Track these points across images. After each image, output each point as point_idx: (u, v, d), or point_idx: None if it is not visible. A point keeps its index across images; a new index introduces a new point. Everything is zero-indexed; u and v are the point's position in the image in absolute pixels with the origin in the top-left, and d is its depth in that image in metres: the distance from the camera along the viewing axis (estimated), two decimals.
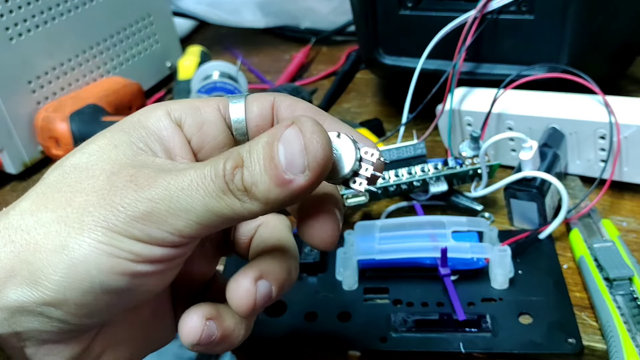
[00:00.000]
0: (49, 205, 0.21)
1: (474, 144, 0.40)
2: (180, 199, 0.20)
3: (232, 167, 0.20)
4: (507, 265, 0.35)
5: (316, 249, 0.24)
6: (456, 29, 0.44)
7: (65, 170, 0.22)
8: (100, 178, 0.21)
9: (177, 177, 0.20)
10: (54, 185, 0.22)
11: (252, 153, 0.20)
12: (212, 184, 0.20)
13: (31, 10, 0.50)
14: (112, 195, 0.20)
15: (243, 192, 0.20)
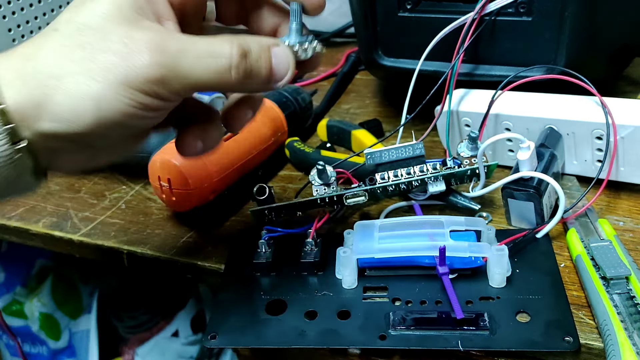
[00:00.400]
0: (75, 59, 0.26)
1: (472, 144, 0.40)
2: (186, 69, 0.27)
3: (239, 54, 0.28)
4: (504, 264, 0.35)
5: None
6: (455, 30, 0.44)
7: (79, 27, 0.27)
8: (117, 42, 0.26)
9: (186, 48, 0.27)
10: (73, 39, 0.27)
11: (255, 52, 0.29)
12: (219, 62, 0.28)
13: (34, 12, 0.51)
14: (130, 58, 0.26)
15: (242, 76, 0.28)
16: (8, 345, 0.89)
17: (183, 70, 0.27)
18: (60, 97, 0.26)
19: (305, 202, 0.40)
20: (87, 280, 0.90)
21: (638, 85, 0.54)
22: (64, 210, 0.49)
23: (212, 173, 0.44)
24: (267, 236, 0.40)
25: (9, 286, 0.84)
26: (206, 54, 0.28)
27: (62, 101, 0.26)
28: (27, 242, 0.49)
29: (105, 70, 0.26)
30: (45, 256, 0.86)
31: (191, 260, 0.42)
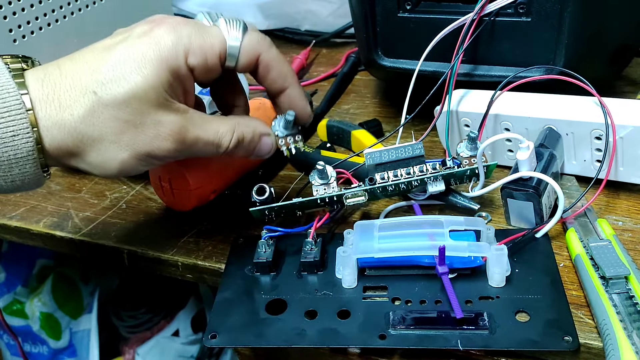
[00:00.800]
0: (110, 129, 0.32)
1: (472, 144, 0.40)
2: (194, 152, 0.35)
3: (235, 144, 0.37)
4: (504, 264, 0.36)
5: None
6: (454, 31, 0.44)
7: (115, 100, 0.32)
8: (149, 124, 0.33)
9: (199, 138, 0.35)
10: (109, 111, 0.32)
11: (247, 139, 0.37)
12: (219, 150, 0.36)
13: (35, 12, 0.51)
14: (157, 142, 0.33)
15: (230, 154, 0.37)
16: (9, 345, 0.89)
17: (192, 152, 0.35)
18: (93, 156, 0.33)
19: (305, 202, 0.40)
20: (87, 280, 0.90)
21: (637, 86, 0.54)
22: (65, 210, 0.49)
23: (213, 173, 0.44)
24: (267, 236, 0.40)
25: (9, 286, 0.85)
26: (212, 143, 0.36)
27: (93, 160, 0.33)
28: (27, 242, 0.49)
29: (134, 144, 0.33)
30: (46, 256, 0.86)
31: (191, 260, 0.42)
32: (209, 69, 0.35)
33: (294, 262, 0.40)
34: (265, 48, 0.37)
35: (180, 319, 0.90)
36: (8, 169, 0.31)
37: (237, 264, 0.41)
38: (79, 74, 0.32)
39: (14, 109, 0.31)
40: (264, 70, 0.37)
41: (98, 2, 0.57)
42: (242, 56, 0.36)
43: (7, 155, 0.31)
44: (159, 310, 0.90)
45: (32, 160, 0.32)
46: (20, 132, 0.31)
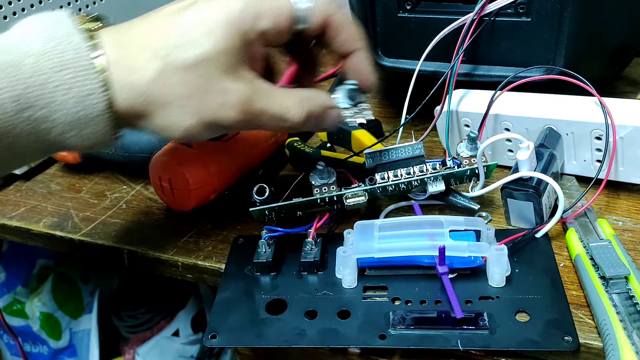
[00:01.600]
0: (178, 94, 0.32)
1: (472, 144, 0.40)
2: (259, 123, 0.34)
3: (303, 119, 0.35)
4: (504, 264, 0.36)
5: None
6: (454, 31, 0.44)
7: (186, 65, 0.32)
8: (216, 91, 0.32)
9: (265, 110, 0.34)
10: (179, 75, 0.32)
11: (315, 113, 0.36)
12: (286, 124, 0.35)
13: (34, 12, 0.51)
14: (222, 110, 0.33)
15: (296, 129, 0.36)
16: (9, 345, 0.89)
17: (256, 125, 0.34)
18: (159, 120, 0.33)
19: (305, 202, 0.40)
20: (87, 280, 0.90)
21: (637, 86, 0.54)
22: (65, 210, 0.49)
23: (213, 173, 0.44)
24: (267, 236, 0.40)
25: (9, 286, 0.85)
26: (278, 116, 0.34)
27: (159, 123, 0.33)
28: (28, 242, 0.49)
29: (200, 111, 0.32)
30: (46, 256, 0.86)
31: (191, 260, 0.42)
32: (279, 32, 0.34)
33: (294, 262, 0.40)
34: (335, 10, 0.36)
35: (180, 319, 0.90)
36: (81, 128, 0.31)
37: (237, 264, 0.41)
38: (151, 37, 0.33)
39: (88, 69, 0.31)
40: (334, 32, 0.36)
41: (98, 2, 0.57)
42: (313, 17, 0.35)
43: (81, 114, 0.31)
44: (159, 310, 0.90)
45: (104, 120, 0.32)
46: (94, 91, 0.31)
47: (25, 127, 0.30)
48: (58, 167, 0.55)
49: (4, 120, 0.30)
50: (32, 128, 0.31)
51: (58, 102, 0.30)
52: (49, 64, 0.30)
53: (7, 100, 0.29)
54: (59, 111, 0.31)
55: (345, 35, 0.37)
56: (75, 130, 0.32)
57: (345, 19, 0.37)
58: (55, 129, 0.31)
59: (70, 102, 0.31)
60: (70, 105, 0.31)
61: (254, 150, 0.48)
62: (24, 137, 0.31)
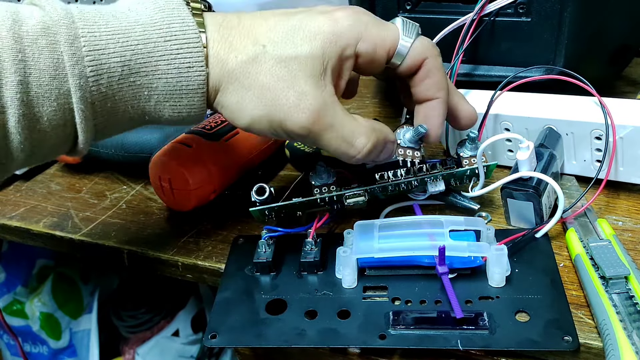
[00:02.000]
0: (259, 82, 0.33)
1: (472, 144, 0.40)
2: (324, 141, 0.34)
3: (369, 151, 0.35)
4: (504, 264, 0.36)
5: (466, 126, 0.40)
6: (454, 31, 0.45)
7: (278, 60, 0.33)
8: (295, 92, 0.33)
9: (334, 127, 0.34)
10: (269, 66, 0.33)
11: (379, 147, 0.36)
12: (350, 150, 0.35)
13: None
14: (294, 112, 0.33)
15: (358, 160, 0.36)
16: (9, 345, 0.89)
17: (320, 140, 0.34)
18: (232, 100, 0.34)
19: (305, 202, 0.40)
20: (87, 280, 0.90)
21: (637, 86, 0.54)
22: (65, 210, 0.49)
23: (213, 173, 0.44)
24: (267, 236, 0.40)
25: (9, 286, 0.85)
26: (345, 140, 0.35)
27: (230, 102, 0.34)
28: (27, 242, 0.49)
29: (272, 106, 0.33)
30: (46, 256, 0.86)
31: (191, 260, 0.42)
32: (374, 60, 0.36)
33: (294, 262, 0.40)
34: (434, 54, 0.37)
35: (180, 319, 0.90)
36: (178, 99, 0.33)
37: (237, 264, 0.41)
38: (256, 28, 0.34)
39: (193, 43, 0.32)
40: (423, 75, 0.37)
41: (98, 2, 0.57)
42: (410, 57, 0.36)
43: (180, 85, 0.32)
44: (159, 310, 0.90)
45: (200, 93, 0.33)
46: (195, 64, 0.32)
47: (128, 92, 0.32)
48: (58, 167, 0.55)
49: (111, 83, 0.31)
50: (134, 94, 0.32)
51: (161, 71, 0.32)
52: (156, 34, 0.32)
53: (115, 65, 0.31)
54: (161, 79, 0.32)
55: (432, 81, 0.37)
56: (172, 101, 0.33)
57: (438, 66, 0.37)
58: (154, 97, 0.33)
59: (172, 73, 0.32)
60: (172, 75, 0.32)
61: (254, 150, 0.48)
62: (125, 103, 0.32)
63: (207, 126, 0.46)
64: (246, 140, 0.47)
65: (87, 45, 0.30)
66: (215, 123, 0.46)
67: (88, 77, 0.30)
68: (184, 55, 0.32)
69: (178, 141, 0.44)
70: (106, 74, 0.31)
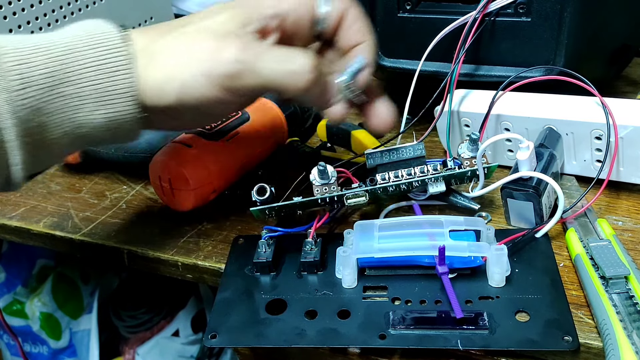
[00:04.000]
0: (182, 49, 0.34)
1: (473, 145, 0.40)
2: (265, 67, 0.33)
3: (313, 64, 0.34)
4: (504, 264, 0.36)
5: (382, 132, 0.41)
6: (454, 31, 0.44)
7: (199, 29, 0.34)
8: (214, 40, 0.33)
9: (269, 50, 0.34)
10: (189, 36, 0.34)
11: (324, 67, 0.36)
12: (295, 66, 0.34)
13: (34, 13, 0.51)
14: (218, 54, 0.33)
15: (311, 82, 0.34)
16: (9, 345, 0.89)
17: (261, 68, 0.33)
18: (156, 71, 0.33)
19: (306, 202, 0.40)
20: (87, 280, 0.90)
21: (637, 85, 0.54)
22: (65, 210, 0.49)
23: (213, 173, 0.44)
24: (267, 236, 0.40)
25: (9, 286, 0.85)
26: (285, 58, 0.34)
27: (156, 78, 0.33)
28: (27, 242, 0.49)
29: (196, 61, 0.33)
30: (46, 256, 0.86)
31: (191, 260, 0.42)
32: (301, 19, 0.36)
33: (294, 262, 0.40)
34: (353, 4, 0.38)
35: (180, 319, 0.90)
36: (111, 104, 0.33)
37: (237, 264, 0.41)
38: (177, 21, 0.36)
39: (117, 47, 0.33)
40: (350, 22, 0.38)
41: (98, 2, 0.57)
42: (334, 7, 0.37)
43: (108, 90, 0.32)
44: (159, 310, 0.90)
45: (131, 95, 0.33)
46: (121, 67, 0.33)
47: (57, 103, 0.32)
48: (58, 167, 0.55)
49: (39, 95, 0.31)
50: (64, 104, 0.32)
51: (88, 77, 0.32)
52: (81, 44, 0.32)
53: (42, 76, 0.31)
54: (89, 86, 0.32)
55: (357, 26, 0.38)
56: (104, 109, 0.33)
57: (359, 12, 0.38)
58: (85, 106, 0.32)
59: (99, 78, 0.32)
60: (100, 81, 0.32)
61: (254, 150, 0.48)
62: (56, 116, 0.32)
63: (207, 126, 0.46)
64: (246, 140, 0.47)
65: (12, 61, 0.31)
66: (216, 123, 0.46)
67: (15, 91, 0.30)
68: (109, 59, 0.32)
69: (178, 141, 0.44)
70: (33, 86, 0.31)
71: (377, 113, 0.39)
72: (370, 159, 0.41)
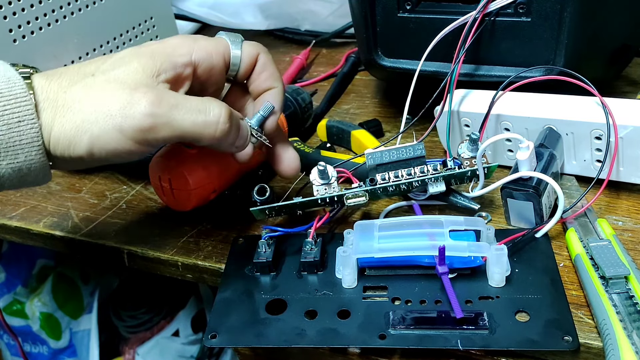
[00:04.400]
0: (92, 101, 0.33)
1: (473, 145, 0.40)
2: (177, 120, 0.33)
3: (227, 115, 0.35)
4: (504, 264, 0.36)
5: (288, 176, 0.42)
6: (454, 31, 0.44)
7: (108, 78, 0.33)
8: (125, 93, 0.33)
9: (181, 103, 0.34)
10: (99, 85, 0.33)
11: (236, 117, 0.37)
12: (208, 118, 0.34)
13: (34, 12, 0.51)
14: (129, 108, 0.32)
15: (224, 133, 0.35)
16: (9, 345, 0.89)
17: (175, 121, 0.33)
18: (66, 127, 0.33)
19: (306, 202, 0.40)
20: (87, 280, 0.90)
21: (637, 85, 0.54)
22: (65, 210, 0.49)
23: (213, 173, 0.44)
24: (267, 236, 0.40)
25: (9, 286, 0.85)
26: (199, 110, 0.34)
27: (64, 132, 0.33)
28: (27, 242, 0.49)
29: (107, 116, 0.32)
30: (46, 256, 0.86)
31: (191, 260, 0.42)
32: (213, 66, 0.37)
33: (294, 262, 0.40)
34: (264, 50, 0.40)
35: (180, 319, 0.90)
36: (14, 155, 0.32)
37: (237, 264, 0.41)
38: (85, 67, 0.35)
39: (21, 97, 0.32)
40: (260, 69, 0.39)
41: (98, 2, 0.57)
42: (245, 55, 0.38)
43: (13, 141, 0.32)
44: (159, 310, 0.90)
45: (37, 145, 0.33)
46: (25, 117, 0.32)
47: None
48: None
49: None
50: None
51: None
52: None
53: None
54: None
55: (268, 73, 0.39)
56: (9, 159, 0.32)
57: (270, 59, 0.40)
58: None
59: (2, 129, 0.32)
60: (3, 132, 0.32)
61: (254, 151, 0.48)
62: None
63: None
64: None
65: None
66: None
67: None
68: (13, 110, 0.32)
69: None
70: None
71: (283, 159, 0.41)
72: (370, 159, 0.41)
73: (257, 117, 0.39)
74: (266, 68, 0.39)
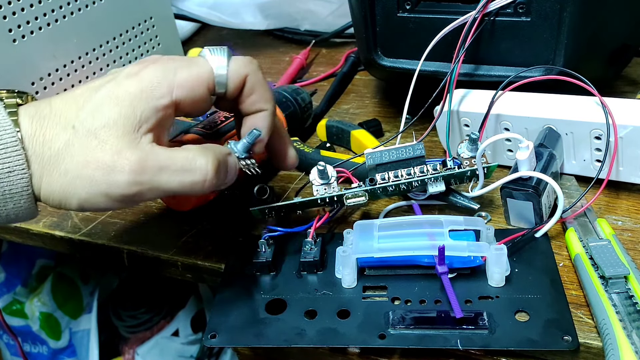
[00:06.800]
0: (75, 160, 0.32)
1: (472, 145, 0.40)
2: (163, 183, 0.33)
3: (214, 170, 0.33)
4: (503, 264, 0.36)
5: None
6: (453, 31, 0.44)
7: (89, 132, 0.32)
8: (108, 156, 0.32)
9: (166, 165, 0.32)
10: (81, 140, 0.32)
11: (222, 163, 0.34)
12: (194, 177, 0.33)
13: (34, 12, 0.51)
14: (113, 175, 0.32)
15: (212, 187, 0.34)
16: (8, 345, 0.89)
17: (160, 184, 0.33)
18: (57, 189, 0.32)
19: (306, 202, 0.40)
20: (87, 280, 0.90)
21: (637, 85, 0.54)
22: (65, 210, 0.49)
23: None
24: (267, 236, 0.40)
25: (9, 286, 0.85)
26: (184, 170, 0.33)
27: (54, 191, 0.33)
28: (27, 242, 0.49)
29: (91, 182, 0.32)
30: (46, 256, 0.86)
31: (191, 260, 0.42)
32: (197, 99, 0.35)
33: (293, 262, 0.40)
34: (253, 70, 0.37)
35: (180, 319, 0.90)
36: (3, 204, 0.32)
37: (237, 264, 0.41)
38: (67, 111, 0.33)
39: (11, 146, 0.32)
40: (248, 91, 0.37)
41: (98, 2, 0.57)
42: (231, 79, 0.36)
43: (2, 191, 0.32)
44: (159, 310, 0.90)
45: (26, 195, 0.33)
46: (16, 168, 0.32)
47: None
48: None
49: None
50: None
51: None
52: None
53: None
54: None
55: (257, 95, 0.37)
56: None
57: (260, 78, 0.37)
58: None
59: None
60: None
61: None
62: None
63: (207, 126, 0.46)
64: None
65: None
66: (215, 123, 0.46)
67: None
68: (4, 160, 0.31)
69: (178, 141, 0.44)
70: None
71: (289, 156, 0.41)
72: (369, 158, 0.41)
73: (243, 144, 0.37)
74: (255, 90, 0.37)
